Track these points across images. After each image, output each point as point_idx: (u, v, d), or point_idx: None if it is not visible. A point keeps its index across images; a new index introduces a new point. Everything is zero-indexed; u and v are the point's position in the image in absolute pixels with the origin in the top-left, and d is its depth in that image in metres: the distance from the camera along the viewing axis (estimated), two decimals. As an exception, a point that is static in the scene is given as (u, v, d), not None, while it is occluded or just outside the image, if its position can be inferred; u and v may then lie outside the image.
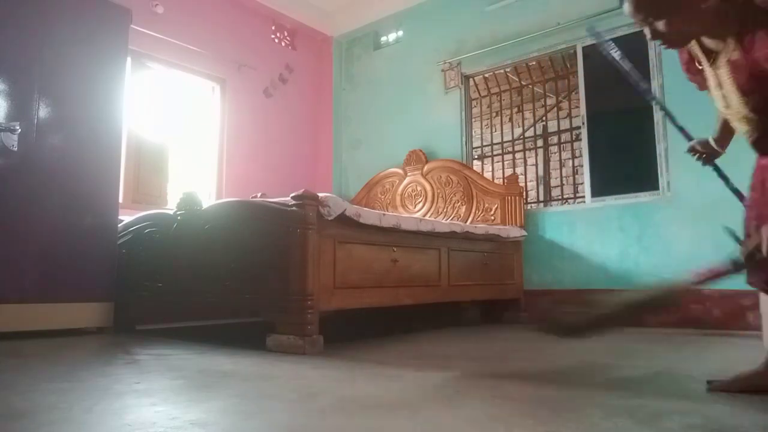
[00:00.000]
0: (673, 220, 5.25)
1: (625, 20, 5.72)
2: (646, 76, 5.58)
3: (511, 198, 6.17)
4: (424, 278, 4.70)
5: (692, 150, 2.93)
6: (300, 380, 2.53)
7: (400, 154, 7.21)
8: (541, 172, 7.94)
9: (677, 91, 5.34)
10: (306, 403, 2.01)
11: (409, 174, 7.06)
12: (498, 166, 7.30)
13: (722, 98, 2.12)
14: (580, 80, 6.15)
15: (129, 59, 5.54)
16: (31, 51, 4.27)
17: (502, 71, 7.09)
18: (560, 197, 7.80)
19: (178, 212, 4.39)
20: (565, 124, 7.40)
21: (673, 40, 2.00)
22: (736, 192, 2.82)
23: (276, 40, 7.93)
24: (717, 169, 2.94)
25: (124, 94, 4.81)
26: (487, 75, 7.19)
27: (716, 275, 2.17)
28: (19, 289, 4.10)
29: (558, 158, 8.29)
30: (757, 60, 1.84)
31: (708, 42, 2.03)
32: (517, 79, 7.39)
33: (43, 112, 4.29)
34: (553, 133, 7.53)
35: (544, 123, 7.85)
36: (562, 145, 7.87)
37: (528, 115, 7.94)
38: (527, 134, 7.28)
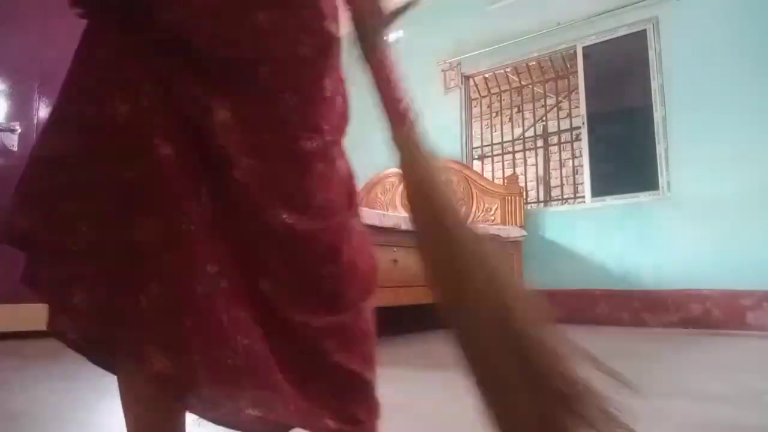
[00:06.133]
0: (672, 220, 5.24)
1: (624, 20, 5.73)
2: (647, 76, 5.58)
3: (511, 198, 6.16)
4: (424, 278, 4.68)
5: None
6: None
7: (400, 153, 7.16)
8: (541, 172, 7.92)
9: (677, 91, 5.34)
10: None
11: (409, 174, 7.02)
12: (498, 166, 7.29)
13: None
14: (580, 80, 6.14)
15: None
16: (31, 51, 4.27)
17: (502, 71, 7.08)
18: (560, 197, 7.80)
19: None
20: (565, 124, 7.39)
21: None
22: None
23: (276, 40, 7.89)
24: None
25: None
26: (487, 75, 7.18)
27: None
28: (20, 289, 4.10)
29: (558, 158, 8.28)
30: None
31: None
32: (517, 79, 7.38)
33: (43, 112, 4.29)
34: (553, 133, 7.53)
35: (544, 123, 7.85)
36: (562, 145, 7.86)
37: (528, 115, 7.92)
38: (527, 134, 7.28)
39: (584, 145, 6.07)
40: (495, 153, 7.37)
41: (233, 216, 1.07)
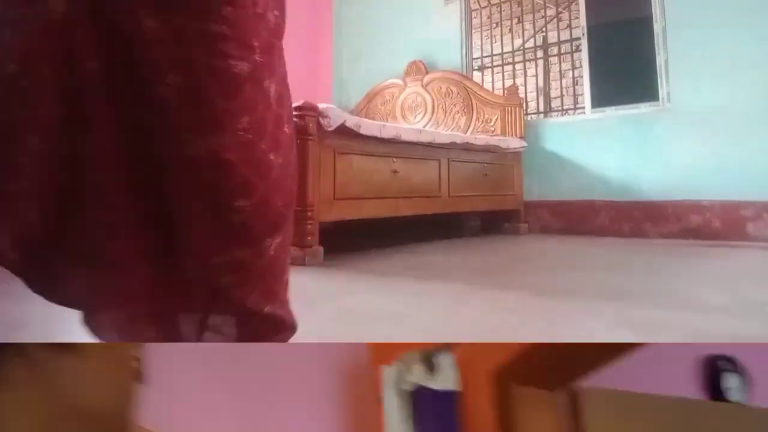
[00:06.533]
0: (672, 131, 5.20)
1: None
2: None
3: (511, 109, 6.10)
4: (424, 189, 4.68)
5: None
6: (299, 291, 2.54)
7: (400, 64, 7.08)
8: (540, 83, 7.83)
9: (677, 2, 5.23)
10: (306, 314, 2.02)
11: (409, 85, 6.95)
12: (498, 77, 7.19)
13: None
14: (581, -10, 6.01)
15: None
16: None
17: (502, -21, 6.92)
18: (560, 108, 7.73)
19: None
20: (565, 35, 7.26)
21: None
22: None
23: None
24: None
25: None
26: (487, -17, 7.02)
27: None
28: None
29: (558, 69, 8.17)
30: None
31: None
32: (517, -12, 7.22)
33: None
34: (553, 44, 7.40)
35: (543, 34, 7.70)
36: (562, 56, 7.75)
37: (528, 26, 7.76)
38: (527, 45, 7.16)
39: (584, 56, 5.97)
40: (495, 64, 7.26)
41: (150, 136, 1.03)
